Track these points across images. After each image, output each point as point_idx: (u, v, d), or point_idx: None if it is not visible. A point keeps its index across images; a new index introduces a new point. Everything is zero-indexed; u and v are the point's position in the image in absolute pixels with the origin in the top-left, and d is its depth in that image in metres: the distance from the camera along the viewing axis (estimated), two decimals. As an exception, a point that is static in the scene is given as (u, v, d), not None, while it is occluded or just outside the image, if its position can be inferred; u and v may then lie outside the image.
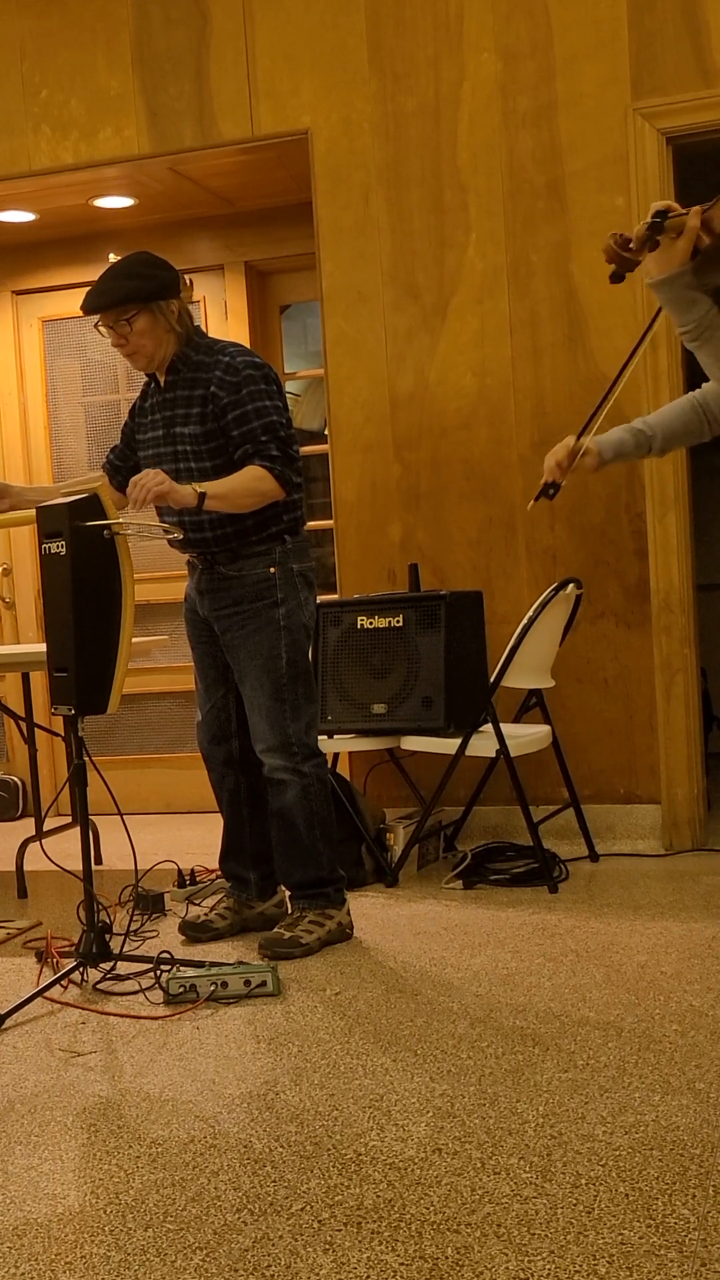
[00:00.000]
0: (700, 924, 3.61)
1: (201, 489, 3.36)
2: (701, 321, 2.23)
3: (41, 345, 6.02)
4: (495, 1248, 1.96)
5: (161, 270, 3.54)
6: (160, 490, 3.31)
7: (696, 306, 2.23)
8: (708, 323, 2.24)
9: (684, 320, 2.25)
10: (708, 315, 2.24)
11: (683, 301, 2.24)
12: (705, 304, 2.24)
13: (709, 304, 2.25)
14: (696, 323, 2.24)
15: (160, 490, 3.31)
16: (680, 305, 2.24)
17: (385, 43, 4.69)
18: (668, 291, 2.24)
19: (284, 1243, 2.02)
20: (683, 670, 4.54)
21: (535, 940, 3.55)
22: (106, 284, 3.50)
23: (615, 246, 2.21)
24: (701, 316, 2.23)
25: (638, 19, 4.43)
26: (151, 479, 3.31)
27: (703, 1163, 2.18)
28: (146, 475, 3.33)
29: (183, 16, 4.90)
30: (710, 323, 2.24)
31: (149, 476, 3.32)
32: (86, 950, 3.31)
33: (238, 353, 3.54)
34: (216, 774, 3.81)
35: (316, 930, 3.58)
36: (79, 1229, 2.11)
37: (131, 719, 6.02)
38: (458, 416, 4.71)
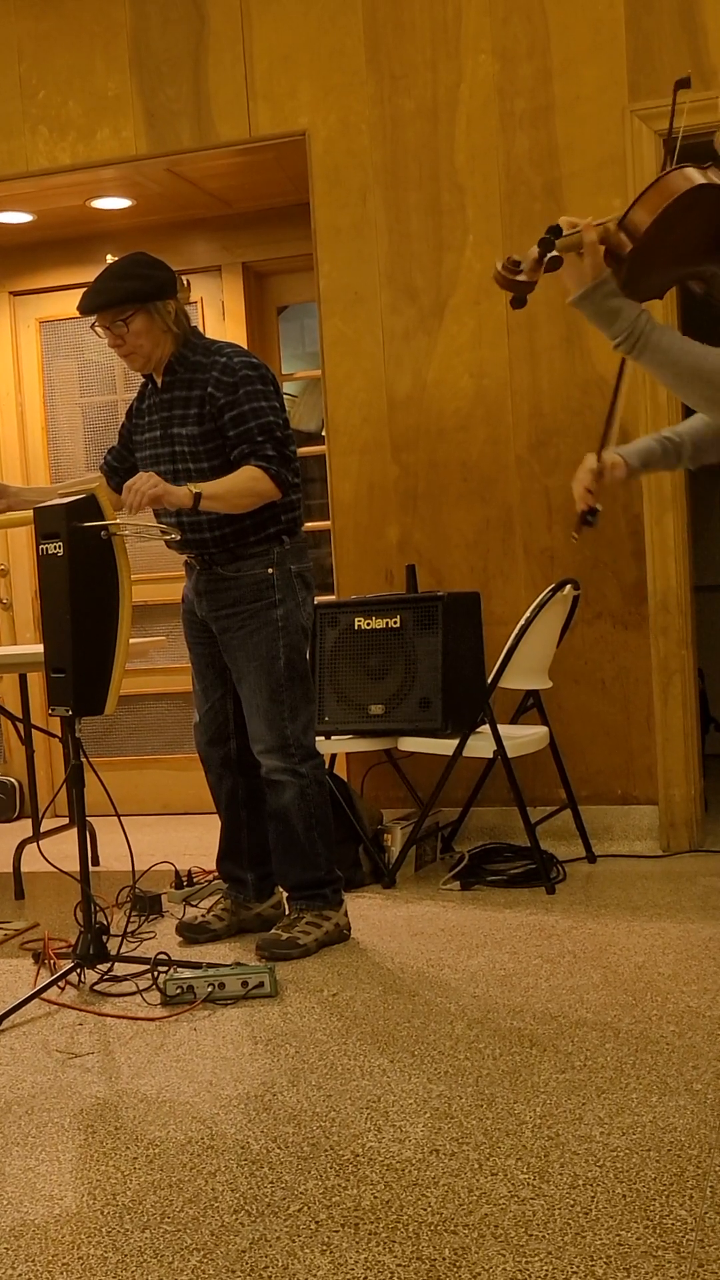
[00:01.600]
0: (697, 925, 3.61)
1: (197, 489, 3.36)
2: (632, 330, 2.12)
3: (39, 346, 6.02)
4: (493, 1249, 1.96)
5: (158, 271, 3.54)
6: (154, 493, 3.31)
7: (621, 316, 2.12)
8: (639, 329, 2.11)
9: (613, 332, 2.13)
10: (637, 321, 2.12)
11: (605, 313, 2.13)
12: (632, 311, 2.12)
13: (636, 310, 2.13)
14: (626, 332, 2.12)
15: (154, 493, 3.31)
16: (604, 318, 2.13)
17: (383, 44, 4.69)
18: (588, 307, 2.13)
19: (281, 1244, 2.02)
20: (680, 671, 4.54)
21: (533, 941, 3.56)
22: (103, 284, 3.50)
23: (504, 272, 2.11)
24: (631, 324, 2.12)
25: (635, 21, 4.44)
26: (145, 482, 3.31)
27: (700, 1163, 2.18)
28: (140, 479, 3.32)
29: (180, 18, 4.90)
30: (642, 328, 2.12)
31: (142, 480, 3.32)
32: (84, 951, 3.31)
33: (235, 353, 3.54)
34: (214, 775, 3.81)
35: (314, 931, 3.58)
36: (76, 1230, 2.11)
37: (129, 720, 6.01)
38: (455, 418, 4.71)
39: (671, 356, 2.13)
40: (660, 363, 2.14)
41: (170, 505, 3.36)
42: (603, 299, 2.13)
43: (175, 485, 3.50)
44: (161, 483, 3.33)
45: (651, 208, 2.05)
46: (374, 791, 4.85)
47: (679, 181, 2.04)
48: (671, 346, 2.13)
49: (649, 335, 2.12)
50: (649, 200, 2.06)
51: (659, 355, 2.13)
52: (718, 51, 4.35)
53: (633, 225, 2.08)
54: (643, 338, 2.12)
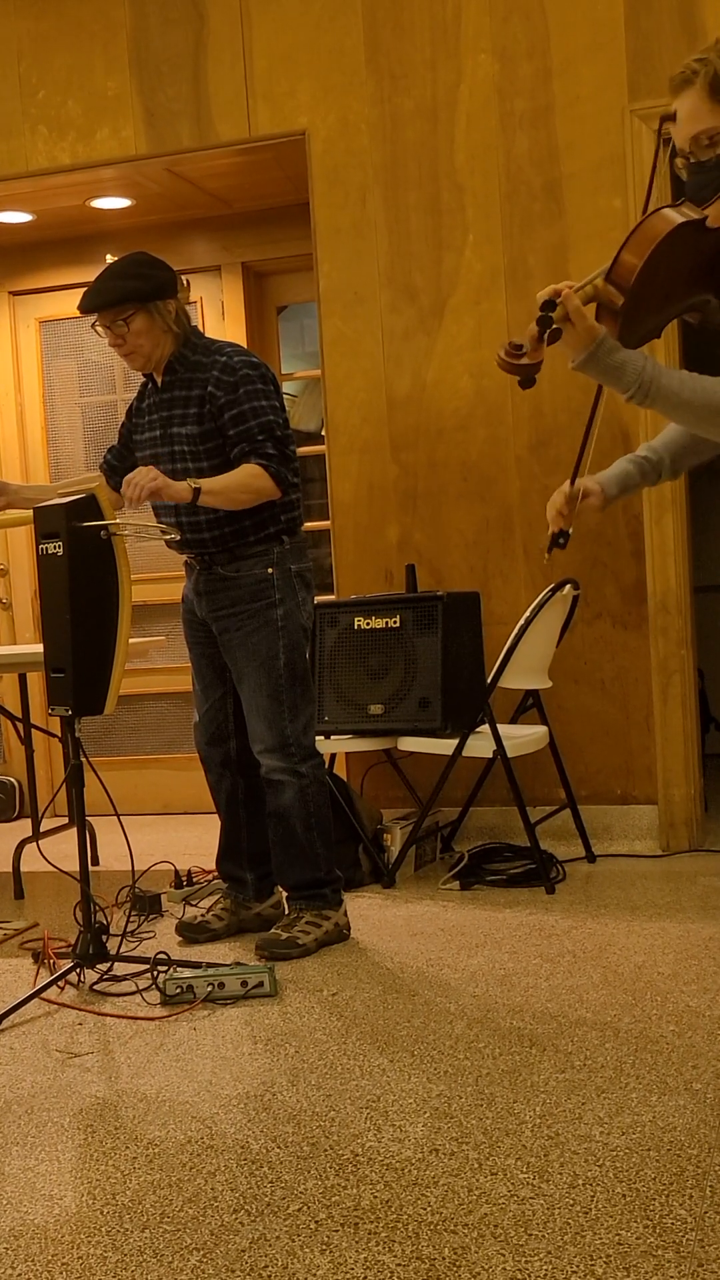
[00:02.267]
0: (697, 924, 3.61)
1: (196, 484, 3.36)
2: (640, 381, 2.12)
3: (39, 346, 6.02)
4: (492, 1248, 1.96)
5: (159, 270, 3.54)
6: (154, 487, 3.31)
7: (627, 370, 2.12)
8: (647, 378, 2.12)
9: (622, 387, 2.13)
10: (644, 371, 2.12)
11: (611, 371, 2.13)
12: (637, 362, 2.13)
13: (640, 359, 2.14)
14: (635, 384, 2.12)
15: (154, 487, 3.31)
16: (610, 376, 2.13)
17: (383, 44, 4.69)
18: (593, 369, 2.13)
19: (281, 1243, 2.02)
20: (679, 671, 4.54)
21: (532, 941, 3.56)
22: (104, 284, 3.50)
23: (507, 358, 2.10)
24: (638, 375, 2.12)
25: (635, 21, 4.44)
26: (144, 476, 3.31)
27: (700, 1163, 2.18)
28: (139, 473, 3.32)
29: (180, 18, 4.90)
30: (650, 377, 2.12)
31: (142, 474, 3.32)
32: (83, 951, 3.31)
33: (235, 352, 3.54)
34: (214, 775, 3.81)
35: (313, 931, 3.58)
36: (76, 1230, 2.11)
37: (128, 720, 6.01)
38: (455, 417, 4.71)
39: (683, 398, 2.13)
40: (673, 405, 2.14)
41: (169, 499, 3.35)
42: (606, 356, 2.13)
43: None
44: (161, 476, 3.33)
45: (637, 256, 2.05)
46: (373, 791, 4.85)
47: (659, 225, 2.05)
48: (682, 388, 2.13)
49: (657, 382, 2.13)
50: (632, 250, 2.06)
51: (671, 399, 2.13)
52: (717, 51, 4.35)
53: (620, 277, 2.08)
54: (652, 386, 2.13)
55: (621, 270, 2.07)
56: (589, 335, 2.11)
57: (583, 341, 2.12)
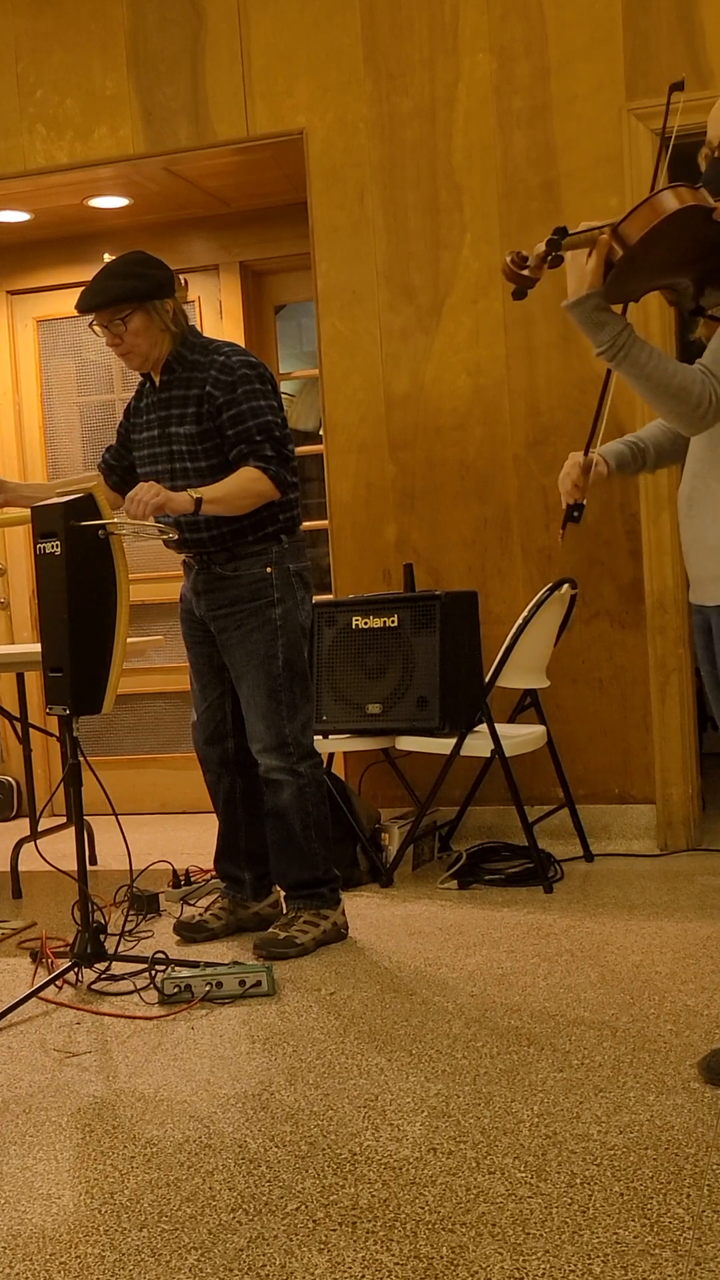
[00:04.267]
0: (695, 924, 3.61)
1: (197, 494, 3.37)
2: (615, 341, 2.24)
3: (37, 345, 6.02)
4: (490, 1247, 1.96)
5: (156, 270, 3.54)
6: (157, 502, 3.32)
7: (607, 327, 2.24)
8: (622, 341, 2.24)
9: (597, 341, 2.26)
10: (621, 334, 2.25)
11: (592, 323, 2.25)
12: (616, 324, 2.25)
13: (621, 323, 2.26)
14: (610, 342, 2.25)
15: (157, 502, 3.32)
16: (590, 326, 2.25)
17: (380, 43, 4.69)
18: (578, 313, 2.26)
19: (279, 1242, 2.02)
20: (677, 670, 4.54)
21: (530, 940, 3.56)
22: (101, 283, 3.50)
23: (511, 264, 2.23)
24: (615, 336, 2.24)
25: (632, 20, 4.44)
26: (147, 492, 3.32)
27: (697, 1162, 2.18)
28: (142, 489, 3.33)
29: (178, 17, 4.90)
30: (624, 341, 2.24)
31: (145, 490, 3.32)
32: (81, 950, 3.31)
33: (233, 352, 3.54)
34: (212, 775, 3.81)
35: (311, 930, 3.58)
36: (74, 1229, 2.11)
37: (126, 719, 6.01)
38: (453, 416, 4.71)
39: (646, 370, 2.26)
40: (635, 375, 2.27)
41: (172, 511, 3.36)
42: (592, 309, 2.25)
43: (174, 485, 3.50)
44: (164, 491, 3.33)
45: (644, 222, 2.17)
46: (372, 790, 4.85)
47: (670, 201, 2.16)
48: (647, 361, 2.26)
49: (629, 348, 2.25)
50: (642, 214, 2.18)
51: (635, 368, 2.26)
52: (715, 50, 4.35)
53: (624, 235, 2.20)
54: (623, 349, 2.25)
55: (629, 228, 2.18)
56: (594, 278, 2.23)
57: (579, 283, 2.24)
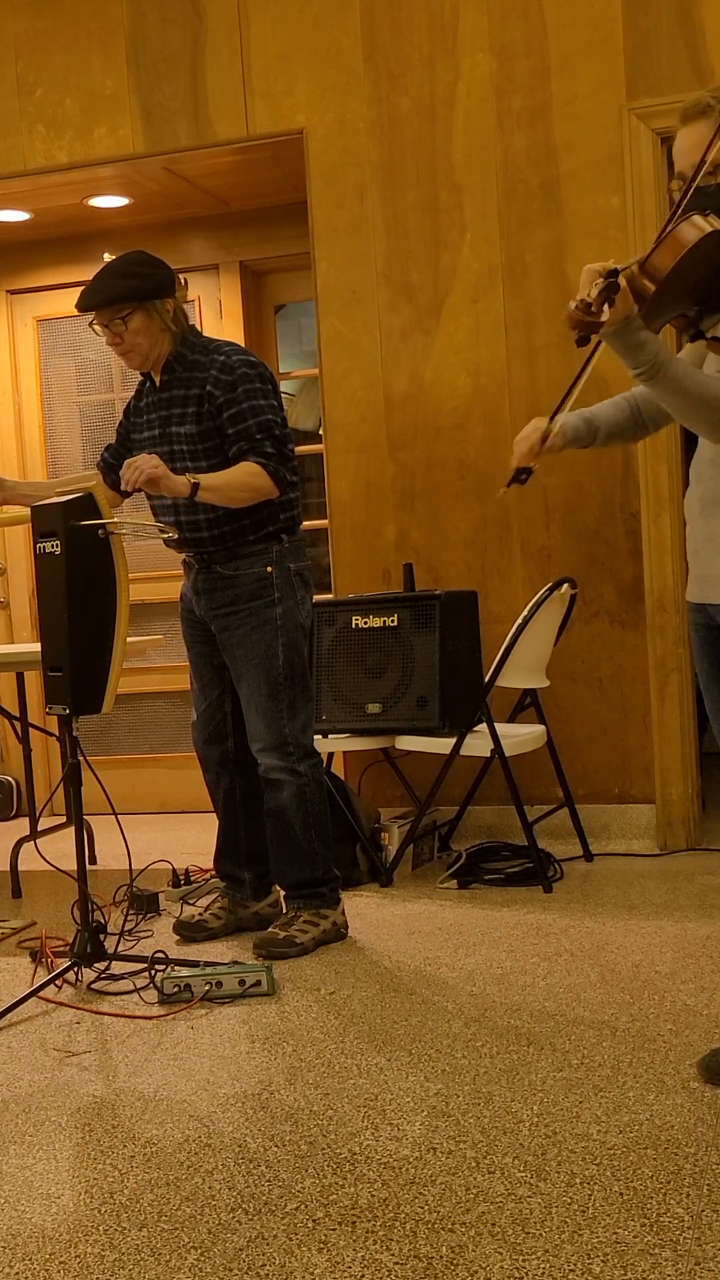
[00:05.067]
0: (694, 923, 3.61)
1: (195, 479, 3.36)
2: (654, 361, 2.31)
3: (36, 344, 6.02)
4: (490, 1247, 1.96)
5: (157, 269, 3.53)
6: (154, 474, 3.30)
7: (647, 347, 2.31)
8: (660, 360, 2.31)
9: (637, 362, 2.32)
10: (659, 354, 2.31)
11: (634, 346, 2.31)
12: (654, 344, 2.32)
13: (657, 344, 2.32)
14: (650, 363, 2.31)
15: (154, 474, 3.30)
16: (632, 351, 2.32)
17: (380, 43, 4.69)
18: (619, 341, 2.32)
19: (278, 1242, 2.02)
20: (677, 670, 4.54)
21: (530, 940, 3.56)
22: (102, 282, 3.50)
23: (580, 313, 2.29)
24: (653, 356, 2.31)
25: (632, 19, 4.44)
26: (146, 461, 3.31)
27: (697, 1161, 2.18)
28: (142, 458, 3.32)
29: (178, 16, 4.90)
30: (663, 360, 2.31)
31: (144, 459, 3.32)
32: (81, 950, 3.31)
33: (233, 351, 3.54)
34: (211, 774, 3.81)
35: (311, 930, 3.58)
36: (73, 1229, 2.11)
37: (126, 719, 6.01)
38: (452, 416, 4.71)
39: (684, 385, 2.33)
40: (674, 390, 2.33)
41: (168, 491, 3.35)
42: (634, 333, 2.31)
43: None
44: (163, 465, 3.33)
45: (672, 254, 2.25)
46: (371, 790, 4.85)
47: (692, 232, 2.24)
48: (684, 376, 2.33)
49: (667, 366, 2.32)
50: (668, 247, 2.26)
51: (673, 384, 2.33)
52: (715, 50, 4.35)
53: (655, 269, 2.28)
54: (662, 368, 2.32)
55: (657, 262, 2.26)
56: (625, 309, 2.29)
57: (620, 314, 2.29)
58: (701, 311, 2.39)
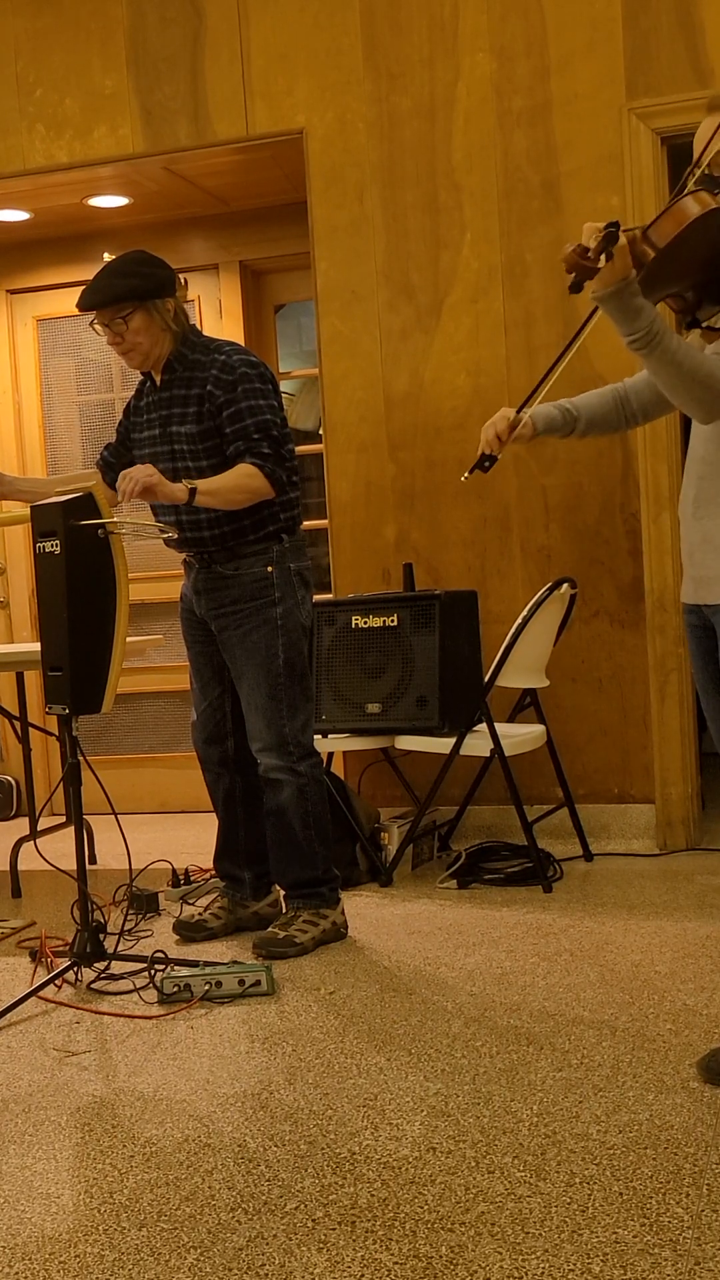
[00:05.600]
0: (694, 923, 3.61)
1: (191, 484, 3.36)
2: (649, 329, 2.29)
3: (36, 344, 6.02)
4: (489, 1246, 1.96)
5: (157, 269, 3.53)
6: (148, 482, 3.30)
7: (642, 315, 2.30)
8: (655, 330, 2.29)
9: (632, 329, 2.30)
10: (655, 323, 2.30)
11: (629, 311, 2.30)
12: (650, 312, 2.31)
13: (654, 312, 2.31)
14: (645, 330, 2.29)
15: (148, 482, 3.30)
16: (626, 315, 2.30)
17: (380, 42, 4.69)
18: (614, 302, 2.30)
19: (278, 1242, 2.02)
20: (677, 670, 4.54)
21: (530, 940, 3.56)
22: (102, 282, 3.50)
23: (576, 255, 2.28)
24: (649, 324, 2.29)
25: (632, 19, 4.44)
26: (141, 471, 3.31)
27: (696, 1161, 2.18)
28: (137, 468, 3.32)
29: (177, 16, 4.90)
30: (658, 330, 2.29)
31: (139, 469, 3.32)
32: (80, 950, 3.31)
33: (233, 351, 3.54)
34: (211, 774, 3.81)
35: (311, 930, 3.58)
36: (73, 1228, 2.11)
37: (126, 718, 6.01)
38: (452, 416, 4.71)
39: (677, 358, 2.32)
40: (666, 362, 2.32)
41: (164, 498, 3.35)
42: (630, 297, 2.29)
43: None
44: (158, 474, 3.33)
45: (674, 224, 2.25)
46: (371, 790, 4.85)
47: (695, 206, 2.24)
48: (679, 349, 2.32)
49: (662, 337, 2.30)
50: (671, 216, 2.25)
51: (667, 355, 2.31)
52: (715, 50, 4.35)
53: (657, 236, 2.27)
54: (657, 338, 2.30)
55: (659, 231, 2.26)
56: (623, 270, 2.28)
57: (615, 275, 2.28)
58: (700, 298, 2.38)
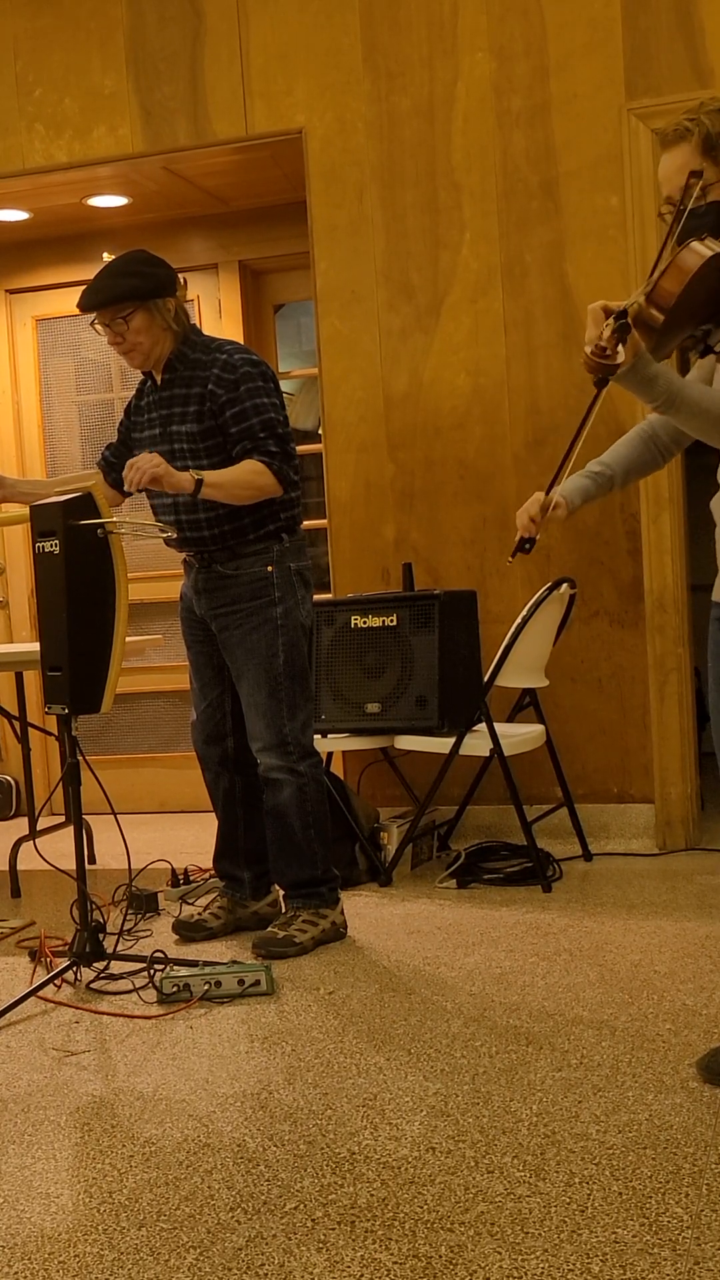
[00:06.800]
0: (693, 923, 3.61)
1: (198, 475, 3.36)
2: (669, 391, 2.29)
3: (35, 344, 6.02)
4: (489, 1246, 1.96)
5: (158, 268, 3.53)
6: (156, 473, 3.30)
7: (659, 381, 2.30)
8: (674, 389, 2.30)
9: (653, 396, 2.31)
10: (672, 384, 2.30)
11: (646, 382, 2.30)
12: (665, 375, 2.31)
13: (668, 373, 2.31)
14: (665, 394, 2.30)
15: (156, 473, 3.30)
16: (645, 387, 2.30)
17: (379, 42, 4.69)
18: (631, 379, 2.30)
19: (278, 1241, 2.02)
20: (676, 670, 4.54)
21: (529, 939, 3.56)
22: (103, 282, 3.49)
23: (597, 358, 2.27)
24: (667, 386, 2.29)
25: (632, 19, 4.44)
26: (147, 461, 3.31)
27: (695, 1161, 2.18)
28: (143, 458, 3.32)
29: (177, 15, 4.89)
30: (677, 388, 2.30)
31: (145, 459, 3.31)
32: (80, 949, 3.31)
33: (235, 350, 3.54)
34: (211, 774, 3.80)
35: (310, 930, 3.58)
36: (72, 1228, 2.11)
37: (125, 718, 6.01)
38: (452, 416, 4.71)
39: (703, 406, 2.32)
40: (693, 413, 2.32)
41: (170, 488, 3.34)
42: (644, 369, 2.29)
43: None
44: (164, 464, 3.32)
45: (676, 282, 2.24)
46: (370, 790, 4.85)
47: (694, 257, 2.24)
48: (701, 398, 2.32)
49: (682, 394, 2.31)
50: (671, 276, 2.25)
51: (691, 408, 2.32)
52: (715, 50, 4.35)
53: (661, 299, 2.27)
54: (677, 396, 2.31)
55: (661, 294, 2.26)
56: (634, 349, 2.28)
57: (628, 354, 2.28)
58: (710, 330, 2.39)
